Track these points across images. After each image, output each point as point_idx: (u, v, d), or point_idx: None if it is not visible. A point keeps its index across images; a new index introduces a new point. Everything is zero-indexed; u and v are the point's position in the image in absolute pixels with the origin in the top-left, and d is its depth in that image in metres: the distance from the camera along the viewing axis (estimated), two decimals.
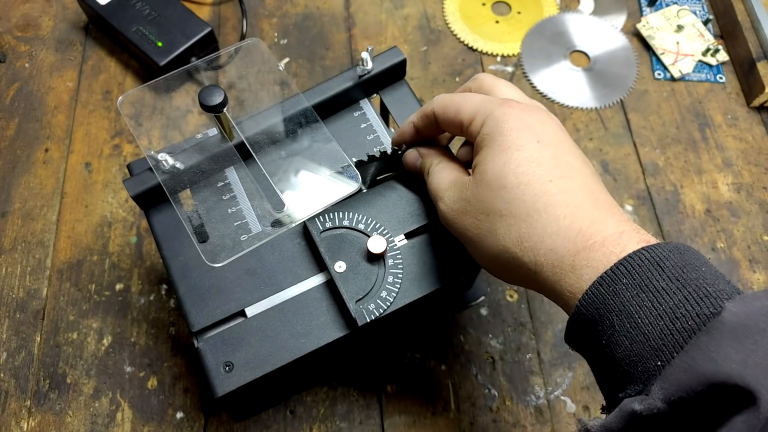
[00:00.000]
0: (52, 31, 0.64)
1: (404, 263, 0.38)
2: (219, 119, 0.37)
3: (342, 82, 0.42)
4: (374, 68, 0.42)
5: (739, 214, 0.56)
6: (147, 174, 0.38)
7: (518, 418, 0.47)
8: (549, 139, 0.30)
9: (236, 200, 0.39)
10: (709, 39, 0.64)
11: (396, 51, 0.43)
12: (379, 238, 0.37)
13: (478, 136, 0.31)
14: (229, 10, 0.66)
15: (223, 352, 0.35)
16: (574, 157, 0.30)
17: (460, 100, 0.33)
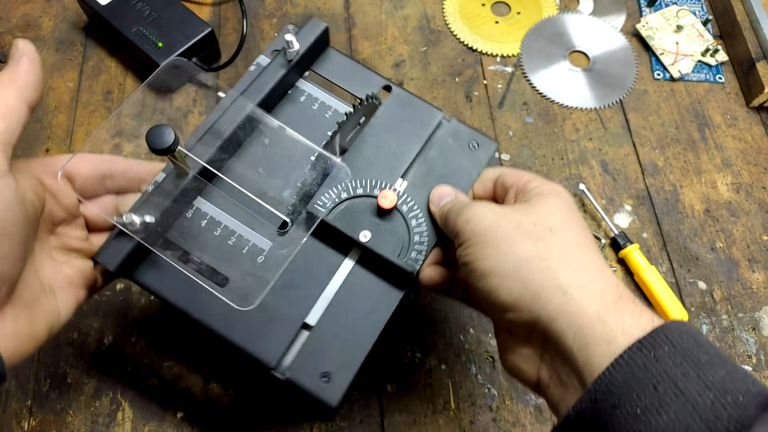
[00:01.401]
0: (52, 31, 0.64)
1: (417, 203, 0.38)
2: (173, 157, 0.34)
3: (275, 71, 0.40)
4: (301, 46, 0.40)
5: (738, 213, 0.56)
6: (118, 242, 0.34)
7: (518, 417, 0.47)
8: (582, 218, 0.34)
9: (230, 230, 0.37)
10: (709, 39, 0.64)
11: (315, 22, 0.41)
12: (386, 192, 0.37)
13: (534, 189, 0.33)
14: (229, 10, 0.66)
15: (312, 367, 0.34)
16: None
17: (521, 171, 0.37)
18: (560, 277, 0.28)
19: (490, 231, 0.30)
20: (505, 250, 0.30)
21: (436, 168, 0.40)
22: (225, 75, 0.61)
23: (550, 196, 0.32)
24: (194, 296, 0.35)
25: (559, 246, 0.29)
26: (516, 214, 0.31)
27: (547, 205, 0.31)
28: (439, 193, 0.38)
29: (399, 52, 0.64)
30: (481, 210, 0.32)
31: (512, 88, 0.62)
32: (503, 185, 0.36)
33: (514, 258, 0.29)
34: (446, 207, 0.36)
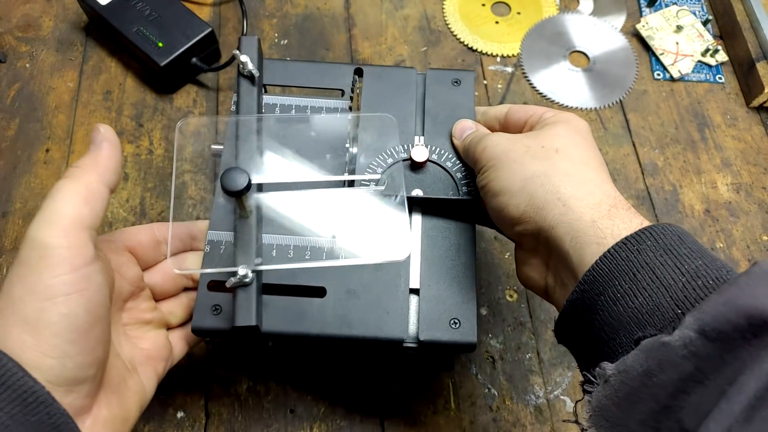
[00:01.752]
0: (52, 31, 0.64)
1: (442, 148, 0.41)
2: (240, 200, 0.35)
3: (250, 98, 0.40)
4: (251, 65, 0.41)
5: (738, 214, 0.56)
6: (244, 300, 0.34)
7: (518, 417, 0.47)
8: (595, 146, 0.36)
9: (300, 246, 0.38)
10: (709, 39, 0.64)
11: (248, 39, 0.41)
12: (416, 148, 0.40)
13: (550, 119, 0.36)
14: (229, 10, 0.66)
15: (438, 322, 0.36)
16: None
17: (532, 105, 0.41)
18: (561, 191, 0.31)
19: (503, 155, 0.34)
20: (516, 170, 0.33)
21: (439, 114, 0.43)
22: (225, 75, 0.62)
23: (560, 123, 0.35)
24: (301, 318, 0.36)
25: (563, 164, 0.32)
26: (527, 139, 0.34)
27: (556, 130, 0.34)
28: (461, 127, 0.41)
29: (399, 52, 0.64)
30: (496, 138, 0.35)
31: (512, 88, 0.62)
32: (516, 122, 0.39)
33: (522, 176, 0.32)
34: (467, 139, 0.39)
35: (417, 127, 0.43)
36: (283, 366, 0.48)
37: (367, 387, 0.48)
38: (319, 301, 0.36)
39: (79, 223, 0.28)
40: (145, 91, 0.60)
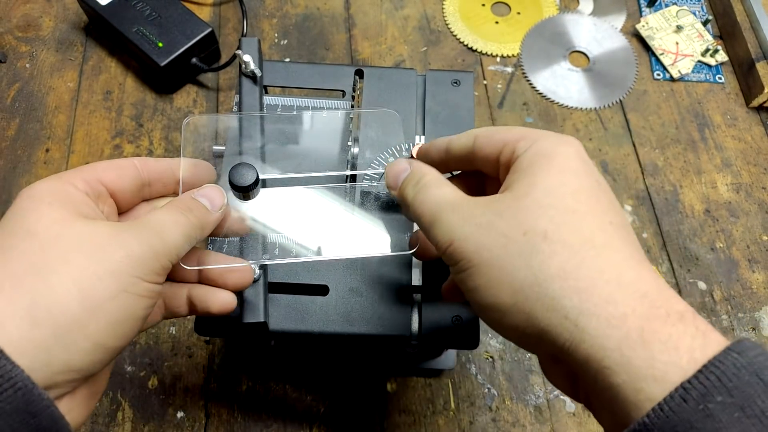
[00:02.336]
0: (52, 31, 0.64)
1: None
2: (248, 196, 0.34)
3: (252, 97, 0.41)
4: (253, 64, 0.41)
5: (738, 214, 0.56)
6: (253, 296, 0.34)
7: (518, 418, 0.47)
8: (604, 184, 0.26)
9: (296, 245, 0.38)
10: (709, 39, 0.64)
11: (248, 40, 0.41)
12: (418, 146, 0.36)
13: (524, 155, 0.26)
14: (229, 10, 0.66)
15: (442, 319, 0.36)
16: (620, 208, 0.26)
17: (505, 128, 0.29)
18: (565, 305, 0.22)
19: (477, 255, 0.24)
20: (498, 278, 0.24)
21: (439, 114, 0.43)
22: (225, 75, 0.62)
23: (540, 168, 0.25)
24: (304, 317, 0.36)
25: (557, 259, 0.23)
26: (501, 220, 0.24)
27: (536, 193, 0.24)
28: (394, 172, 0.31)
29: (399, 52, 0.64)
30: (461, 225, 0.25)
31: (512, 88, 0.62)
32: (486, 159, 0.29)
33: (509, 288, 0.23)
34: (407, 190, 0.29)
35: (418, 126, 0.43)
36: (283, 366, 0.48)
37: (367, 387, 0.48)
38: (322, 299, 0.36)
39: (176, 255, 0.27)
40: (145, 91, 0.60)
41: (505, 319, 0.24)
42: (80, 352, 0.23)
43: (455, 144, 0.30)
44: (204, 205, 0.29)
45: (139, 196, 0.31)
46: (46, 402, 0.22)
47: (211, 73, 0.61)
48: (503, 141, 0.27)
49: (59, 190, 0.26)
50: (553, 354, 0.24)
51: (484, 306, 0.25)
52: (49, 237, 0.24)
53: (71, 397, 0.25)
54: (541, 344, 0.23)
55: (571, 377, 0.25)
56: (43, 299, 0.23)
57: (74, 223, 0.25)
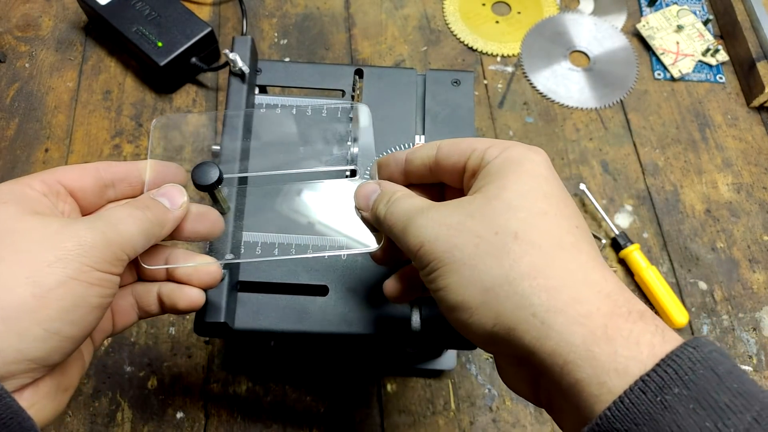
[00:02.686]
0: (52, 31, 0.64)
1: None
2: (213, 194, 0.33)
3: (238, 96, 0.41)
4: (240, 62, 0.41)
5: (738, 214, 0.56)
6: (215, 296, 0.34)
7: (518, 418, 0.47)
8: (568, 192, 0.27)
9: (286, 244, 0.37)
10: (709, 39, 0.64)
11: (241, 39, 0.42)
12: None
13: (494, 161, 0.27)
14: (229, 10, 0.66)
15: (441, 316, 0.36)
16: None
17: (471, 138, 0.30)
18: (534, 303, 0.23)
19: (446, 254, 0.25)
20: (468, 277, 0.24)
21: (439, 114, 0.43)
22: (224, 75, 0.61)
23: (510, 171, 0.26)
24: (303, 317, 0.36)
25: (528, 258, 0.23)
26: (473, 221, 0.25)
27: (507, 195, 0.25)
28: (363, 194, 0.31)
29: (399, 52, 0.64)
30: (432, 227, 0.26)
31: (512, 87, 0.62)
32: (453, 168, 0.29)
33: (480, 286, 0.24)
34: (378, 209, 0.30)
35: (417, 126, 0.43)
36: (283, 366, 0.48)
37: (367, 387, 0.48)
38: (321, 299, 0.36)
39: (132, 248, 0.27)
40: (145, 91, 0.60)
41: (473, 318, 0.24)
42: (33, 340, 0.23)
43: (417, 154, 0.30)
44: (162, 203, 0.29)
45: (103, 197, 0.31)
46: (1, 392, 0.22)
47: (211, 73, 0.61)
48: (471, 148, 0.28)
49: (14, 190, 0.27)
50: (517, 355, 0.24)
51: (453, 305, 0.25)
52: (1, 231, 0.25)
53: (34, 390, 0.25)
54: (506, 344, 0.24)
55: (533, 379, 0.25)
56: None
57: (26, 218, 0.25)
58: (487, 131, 0.59)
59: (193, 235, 0.32)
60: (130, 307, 0.31)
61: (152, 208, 0.29)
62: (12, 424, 0.23)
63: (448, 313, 0.26)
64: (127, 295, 0.31)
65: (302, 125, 0.41)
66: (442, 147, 0.29)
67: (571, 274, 0.23)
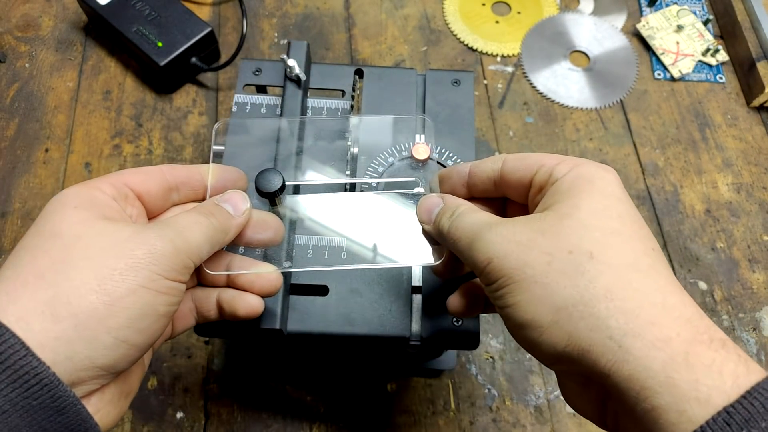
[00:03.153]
0: (52, 31, 0.64)
1: (444, 147, 0.41)
2: (273, 201, 0.34)
3: (294, 101, 0.41)
4: (298, 68, 0.41)
5: (738, 214, 0.56)
6: (268, 300, 0.34)
7: (518, 418, 0.47)
8: (638, 213, 0.27)
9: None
10: (709, 39, 0.64)
11: (297, 44, 0.42)
12: (417, 146, 0.38)
13: (564, 178, 0.26)
14: (229, 10, 0.66)
15: (441, 318, 0.36)
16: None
17: (539, 153, 0.29)
18: (611, 325, 0.22)
19: (517, 271, 0.24)
20: (540, 295, 0.24)
21: (439, 113, 0.43)
22: (225, 75, 0.61)
23: (582, 191, 0.25)
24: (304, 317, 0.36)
25: (603, 278, 0.23)
26: (544, 238, 0.24)
27: (580, 214, 0.24)
28: (425, 207, 0.31)
29: (399, 52, 0.64)
30: (501, 243, 0.25)
31: (512, 87, 0.62)
32: (518, 183, 0.29)
33: (551, 306, 0.23)
34: (441, 222, 0.29)
35: (418, 126, 0.43)
36: (283, 366, 0.48)
37: (367, 387, 0.48)
38: (321, 299, 0.36)
39: (198, 256, 0.27)
40: (145, 91, 0.60)
41: (543, 337, 0.24)
42: (102, 347, 0.23)
43: (481, 167, 0.30)
44: (226, 209, 0.29)
45: (168, 200, 0.31)
46: (72, 399, 0.22)
47: (211, 73, 0.61)
48: (539, 163, 0.28)
49: (85, 194, 0.27)
50: (586, 375, 0.24)
51: (522, 322, 0.24)
52: (72, 236, 0.25)
53: (100, 396, 0.25)
54: (578, 364, 0.23)
55: (600, 401, 0.25)
56: (64, 293, 0.23)
57: (97, 223, 0.25)
58: (487, 131, 0.59)
59: (254, 242, 0.32)
60: (189, 311, 0.32)
61: (216, 215, 0.29)
62: (80, 430, 0.23)
63: (515, 331, 0.25)
64: (188, 299, 0.32)
65: (360, 134, 0.41)
66: (507, 161, 0.29)
67: (649, 298, 0.22)
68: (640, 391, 0.21)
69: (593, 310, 0.22)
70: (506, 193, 0.30)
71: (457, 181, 0.32)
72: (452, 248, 0.29)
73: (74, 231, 0.25)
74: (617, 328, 0.22)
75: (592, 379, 0.23)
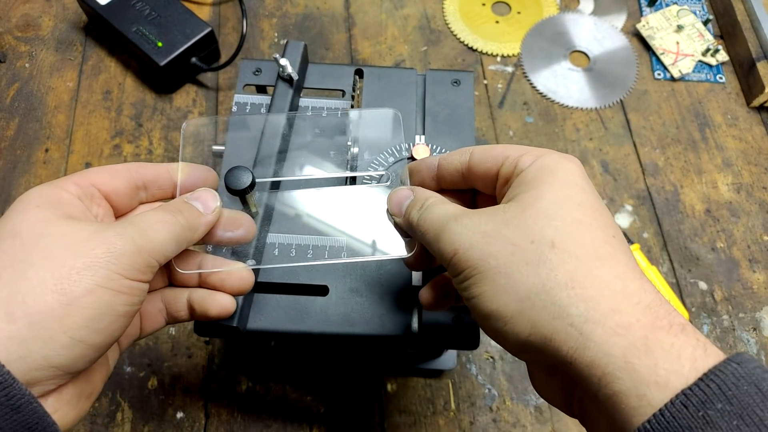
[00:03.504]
0: (52, 31, 0.64)
1: (444, 148, 0.41)
2: (244, 198, 0.34)
3: (283, 100, 0.41)
4: (293, 69, 0.41)
5: (738, 214, 0.56)
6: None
7: (518, 418, 0.47)
8: (602, 201, 0.27)
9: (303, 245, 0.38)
10: (709, 39, 0.64)
11: (293, 44, 0.42)
12: (417, 147, 0.39)
13: (528, 169, 0.27)
14: (229, 10, 0.66)
15: (441, 318, 0.36)
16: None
17: (504, 145, 0.29)
18: (572, 312, 0.22)
19: (481, 261, 0.25)
20: (504, 285, 0.24)
21: (439, 114, 0.43)
22: (224, 75, 0.61)
23: (545, 178, 0.26)
24: (304, 317, 0.36)
25: (565, 267, 0.23)
26: (508, 229, 0.25)
27: (542, 204, 0.25)
28: (396, 200, 0.31)
29: (399, 52, 0.64)
30: (466, 233, 0.26)
31: (512, 87, 0.62)
32: (485, 175, 0.29)
33: (515, 295, 0.24)
34: (411, 214, 0.29)
35: (418, 126, 0.43)
36: (283, 366, 0.48)
37: (368, 387, 0.48)
38: (321, 299, 0.36)
39: (163, 255, 0.27)
40: (145, 91, 0.60)
41: (507, 327, 0.24)
42: (58, 347, 0.23)
43: (449, 160, 0.30)
44: (195, 207, 0.29)
45: (135, 199, 0.31)
46: (28, 397, 0.22)
47: (211, 73, 0.61)
48: (504, 155, 0.28)
49: (49, 193, 0.27)
50: (551, 364, 0.24)
51: (488, 313, 0.25)
52: (32, 235, 0.24)
53: (57, 396, 0.25)
54: (542, 353, 0.23)
55: (566, 389, 0.25)
56: (19, 292, 0.23)
57: (59, 222, 0.25)
58: (487, 131, 0.59)
59: (225, 240, 0.31)
60: (158, 312, 0.31)
61: (185, 213, 0.28)
62: (37, 429, 0.23)
63: (481, 321, 0.26)
64: (157, 300, 0.31)
65: (332, 129, 0.41)
66: (474, 153, 0.29)
67: (609, 285, 0.23)
68: (602, 377, 0.21)
69: (555, 299, 0.23)
70: (474, 185, 0.30)
71: (427, 174, 0.32)
72: (422, 240, 0.29)
73: (35, 230, 0.25)
74: (578, 315, 0.22)
75: (557, 367, 0.24)
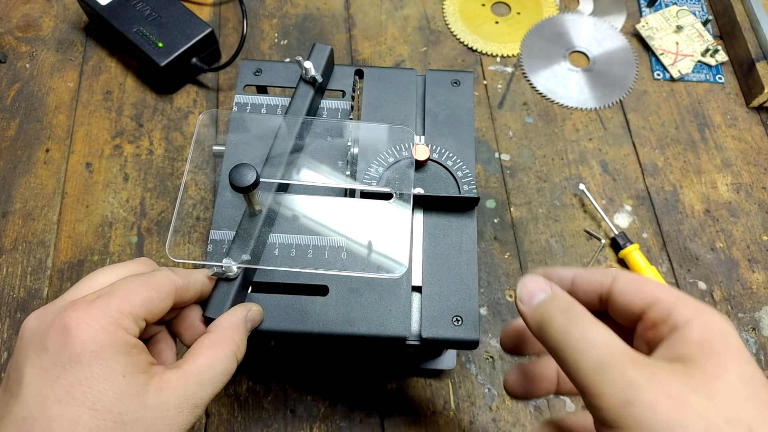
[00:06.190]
0: (52, 31, 0.64)
1: (443, 148, 0.42)
2: (248, 196, 0.34)
3: (302, 102, 0.41)
4: (317, 72, 0.42)
5: (738, 214, 0.56)
6: (221, 292, 0.34)
7: (518, 418, 0.47)
8: None
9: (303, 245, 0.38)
10: (709, 39, 0.64)
11: (320, 47, 0.43)
12: (417, 147, 0.40)
13: (692, 327, 0.24)
14: (229, 10, 0.66)
15: (440, 319, 0.37)
16: None
17: (652, 282, 0.27)
18: None
19: (666, 430, 0.21)
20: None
21: (439, 114, 0.43)
22: (225, 75, 0.62)
23: (721, 350, 0.23)
24: (304, 317, 0.36)
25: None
26: (696, 398, 0.22)
27: (731, 379, 0.22)
28: (528, 289, 0.28)
29: (399, 52, 0.64)
30: (647, 387, 0.22)
31: (512, 88, 0.62)
32: (626, 309, 0.26)
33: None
34: (550, 313, 0.26)
35: (417, 126, 0.43)
36: (283, 366, 0.48)
37: (367, 387, 0.48)
38: (321, 299, 0.36)
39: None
40: (145, 91, 0.60)
41: None
42: None
43: (586, 279, 0.28)
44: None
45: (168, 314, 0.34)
46: None
47: (211, 73, 0.61)
48: (654, 295, 0.26)
49: (115, 343, 0.28)
50: None
51: None
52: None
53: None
54: None
55: None
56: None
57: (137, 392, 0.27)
58: (486, 131, 0.59)
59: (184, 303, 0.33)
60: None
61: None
62: None
63: None
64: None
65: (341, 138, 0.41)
66: (619, 281, 0.27)
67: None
68: None
69: None
70: (611, 313, 0.27)
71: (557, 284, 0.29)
72: (548, 346, 0.26)
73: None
74: None
75: None
